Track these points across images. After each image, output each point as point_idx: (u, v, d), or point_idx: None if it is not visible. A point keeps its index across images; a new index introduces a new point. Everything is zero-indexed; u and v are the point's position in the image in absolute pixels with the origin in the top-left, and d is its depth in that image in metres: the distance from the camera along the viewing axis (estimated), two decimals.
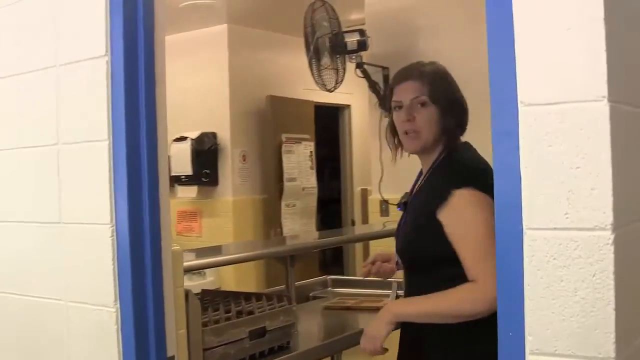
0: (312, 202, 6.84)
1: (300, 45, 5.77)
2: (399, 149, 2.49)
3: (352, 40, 4.99)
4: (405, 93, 2.32)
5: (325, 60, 5.01)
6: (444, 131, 2.30)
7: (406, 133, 2.33)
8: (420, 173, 2.50)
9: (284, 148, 6.49)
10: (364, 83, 7.16)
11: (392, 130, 2.48)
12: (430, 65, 2.42)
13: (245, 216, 6.33)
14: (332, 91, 5.08)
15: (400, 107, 2.34)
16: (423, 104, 2.29)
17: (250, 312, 2.70)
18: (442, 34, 5.54)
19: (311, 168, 6.83)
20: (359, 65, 5.19)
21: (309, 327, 3.14)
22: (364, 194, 7.80)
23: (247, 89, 6.44)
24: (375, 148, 5.69)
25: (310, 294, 4.06)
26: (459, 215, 2.15)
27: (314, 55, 5.00)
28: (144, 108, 1.94)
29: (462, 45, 5.50)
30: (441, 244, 2.17)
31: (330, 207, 8.30)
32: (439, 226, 2.18)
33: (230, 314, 2.65)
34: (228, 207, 6.23)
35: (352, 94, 7.46)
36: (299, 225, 6.61)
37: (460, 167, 2.28)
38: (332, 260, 7.98)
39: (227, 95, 6.26)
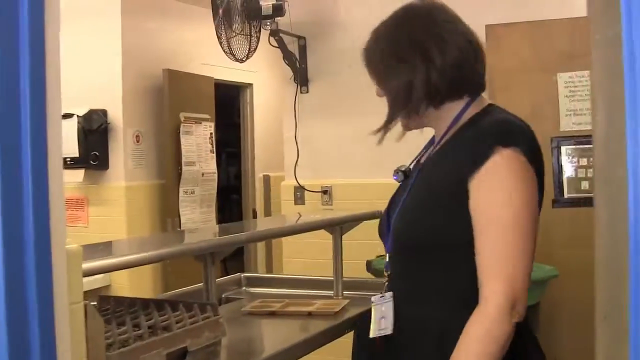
0: (212, 188, 6.23)
1: (201, 15, 5.16)
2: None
3: (267, 4, 4.38)
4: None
5: (237, 26, 4.38)
6: (430, 91, 1.88)
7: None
8: (432, 141, 2.07)
9: (182, 129, 5.82)
10: (268, 60, 6.65)
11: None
12: (377, 28, 2.11)
13: (139, 204, 5.65)
14: (243, 61, 4.47)
15: None
16: (379, 83, 2.04)
17: (167, 328, 2.06)
18: (363, 1, 5.03)
19: (211, 151, 6.21)
20: (274, 33, 4.60)
21: (235, 341, 2.55)
22: (267, 180, 7.29)
23: (142, 62, 5.74)
24: (289, 127, 5.14)
25: (223, 295, 3.51)
26: (495, 182, 1.71)
27: (224, 19, 4.36)
28: (27, 78, 1.28)
29: (385, 11, 4.99)
30: (461, 224, 1.75)
31: (229, 194, 7.74)
32: (464, 199, 1.75)
33: (140, 331, 2.00)
34: (120, 194, 5.52)
35: (255, 71, 6.92)
36: (199, 215, 6.00)
37: (504, 121, 1.83)
38: (230, 255, 7.33)
39: (119, 67, 5.53)
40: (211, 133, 6.21)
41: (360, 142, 5.06)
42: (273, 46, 4.83)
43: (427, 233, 1.84)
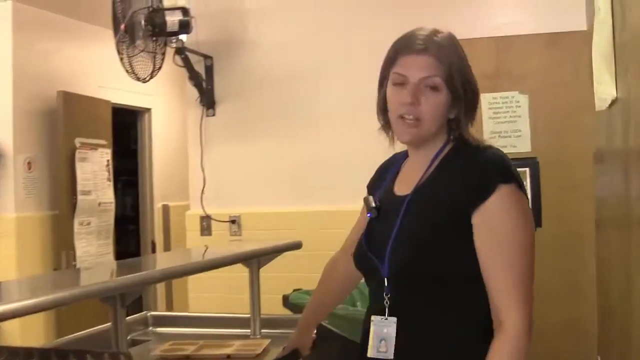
0: (109, 219, 5.83)
1: (99, 35, 4.81)
2: (390, 132, 2.01)
3: (173, 19, 4.08)
4: (415, 68, 1.88)
5: (140, 42, 4.06)
6: (450, 122, 1.92)
7: (402, 118, 1.90)
8: (397, 168, 2.10)
9: (77, 155, 5.41)
10: (170, 82, 6.33)
11: (383, 107, 2.01)
12: (447, 37, 1.93)
13: (31, 237, 5.20)
14: (146, 81, 4.17)
15: (402, 84, 1.89)
16: (434, 88, 1.87)
17: None
18: (273, 19, 4.82)
19: (108, 180, 5.82)
20: (180, 51, 4.30)
21: None
22: (166, 210, 6.94)
23: (35, 83, 5.31)
24: (195, 153, 4.83)
25: (128, 337, 3.14)
26: (504, 215, 1.80)
27: (125, 36, 4.02)
28: None
29: (295, 30, 4.79)
30: (466, 256, 1.81)
31: (126, 225, 7.31)
32: (468, 231, 1.81)
33: None
34: (9, 226, 5.07)
35: (153, 95, 6.57)
36: (96, 247, 5.59)
37: (502, 159, 1.87)
38: None
39: (9, 88, 5.10)
40: (108, 160, 5.83)
41: (271, 168, 4.83)
42: (178, 65, 4.53)
43: (433, 265, 1.84)
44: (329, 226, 4.62)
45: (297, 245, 3.33)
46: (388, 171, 2.12)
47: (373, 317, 1.93)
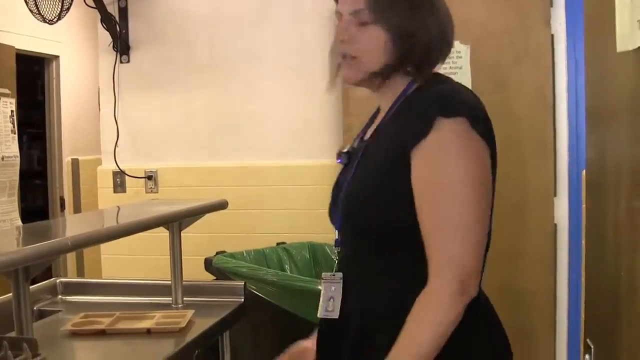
0: (15, 174, 5.41)
1: None
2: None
3: None
4: (344, 3, 1.77)
5: None
6: (398, 60, 1.73)
7: (342, 57, 1.80)
8: (375, 115, 1.94)
9: None
10: (80, 26, 5.90)
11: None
12: None
13: None
14: (53, 22, 3.80)
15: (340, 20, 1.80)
16: (363, 23, 1.73)
17: None
18: None
19: (13, 132, 5.38)
20: None
21: None
22: (75, 164, 6.56)
23: None
24: (107, 103, 4.48)
25: (35, 308, 2.86)
26: (438, 155, 1.62)
27: None
28: None
29: None
30: (408, 204, 1.65)
31: (32, 180, 6.89)
32: (408, 176, 1.65)
33: None
34: None
35: (61, 42, 6.14)
36: None
37: (448, 91, 1.72)
38: None
39: None
40: (12, 111, 5.39)
41: (190, 121, 4.51)
42: (89, 6, 4.15)
43: (375, 215, 1.72)
44: (252, 182, 4.38)
45: (222, 205, 3.06)
46: (370, 119, 1.98)
47: (323, 274, 1.86)
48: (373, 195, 1.73)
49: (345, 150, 1.92)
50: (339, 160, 1.93)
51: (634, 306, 1.47)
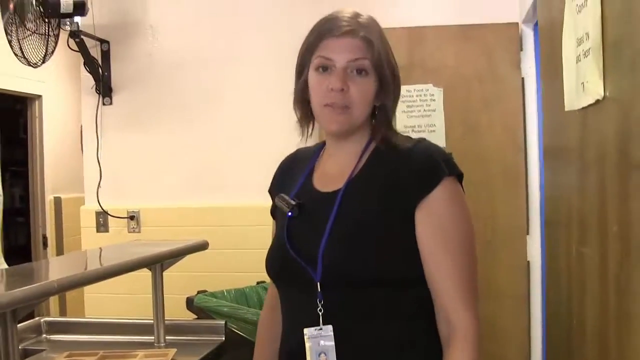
0: None
1: None
2: (311, 125, 1.89)
3: (67, 0, 3.78)
4: (342, 51, 1.74)
5: (31, 24, 3.75)
6: (378, 111, 1.79)
7: (329, 105, 1.75)
8: (310, 165, 1.96)
9: None
10: (63, 67, 5.98)
11: (302, 98, 1.86)
12: (370, 19, 1.83)
13: None
14: (38, 65, 3.88)
15: (327, 69, 1.76)
16: (362, 72, 1.74)
17: None
18: (174, 1, 4.59)
19: None
20: (75, 35, 4.02)
21: None
22: (58, 202, 6.59)
23: None
24: (90, 144, 4.54)
25: (20, 347, 2.87)
26: (448, 209, 1.69)
27: (15, 16, 3.71)
28: None
29: (198, 13, 4.55)
30: (409, 256, 1.69)
31: (14, 219, 6.91)
32: (410, 228, 1.69)
33: None
34: None
35: (44, 82, 6.20)
36: None
37: (441, 150, 1.77)
38: None
39: None
40: None
41: (171, 161, 4.58)
42: (72, 50, 4.23)
43: (378, 268, 1.69)
44: (232, 222, 4.44)
45: (203, 246, 3.12)
46: (297, 168, 1.99)
47: (306, 331, 1.75)
48: (373, 249, 1.70)
49: (294, 202, 1.87)
50: (290, 214, 1.86)
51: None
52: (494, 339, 3.85)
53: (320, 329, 1.74)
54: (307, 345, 1.75)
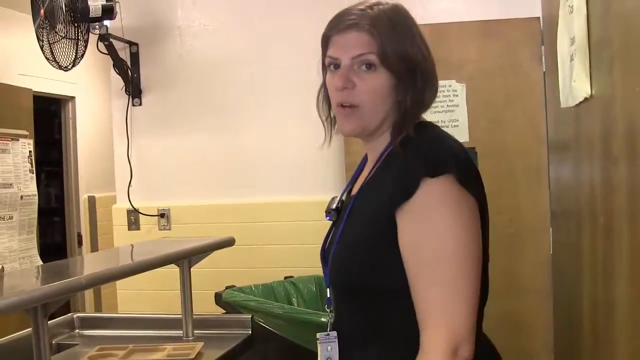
0: (33, 213, 5.54)
1: (18, 20, 4.57)
2: (334, 126, 1.81)
3: (96, 4, 3.88)
4: (345, 47, 1.67)
5: (61, 28, 3.85)
6: (398, 109, 1.66)
7: (341, 106, 1.68)
8: (361, 167, 1.87)
9: None
10: (94, 70, 6.09)
11: (327, 97, 1.79)
12: (388, 9, 1.69)
13: None
14: (68, 69, 3.97)
15: (336, 67, 1.69)
16: (369, 67, 1.65)
17: None
18: (202, 1, 4.66)
19: (31, 172, 5.53)
20: (104, 38, 4.11)
21: None
22: (92, 201, 6.71)
23: None
24: (121, 145, 4.64)
25: (54, 342, 3.02)
26: (424, 216, 1.53)
27: (45, 21, 3.82)
28: None
29: (226, 14, 4.63)
30: (395, 266, 1.57)
31: (50, 217, 7.04)
32: (394, 237, 1.57)
33: None
34: None
35: (76, 83, 6.34)
36: (18, 242, 5.31)
37: (433, 147, 1.62)
38: None
39: None
40: (30, 151, 5.56)
41: (200, 160, 4.67)
42: (102, 53, 4.33)
43: (365, 278, 1.64)
44: (261, 219, 4.52)
45: (229, 242, 3.19)
46: (358, 169, 1.91)
47: (318, 335, 1.76)
48: (362, 258, 1.64)
49: (333, 207, 1.85)
50: (328, 218, 1.87)
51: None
52: (518, 333, 3.88)
53: (328, 334, 1.74)
54: (318, 349, 1.75)
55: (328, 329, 1.76)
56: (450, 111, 3.94)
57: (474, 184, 1.60)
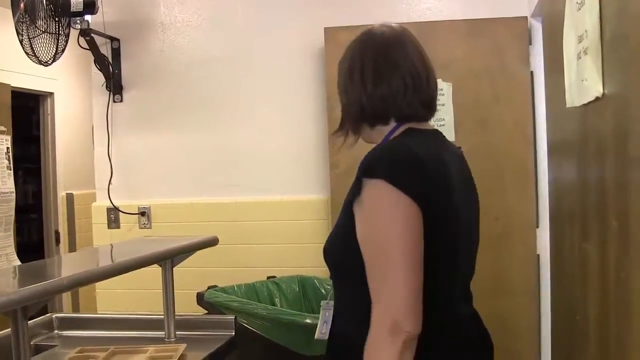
0: (10, 210, 5.46)
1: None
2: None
3: None
4: None
5: (41, 23, 3.77)
6: (347, 119, 2.06)
7: None
8: None
9: None
10: (74, 65, 6.01)
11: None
12: (363, 33, 2.08)
13: None
14: (49, 64, 3.89)
15: None
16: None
17: None
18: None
19: (8, 168, 5.45)
20: (85, 33, 4.03)
21: None
22: (70, 198, 6.62)
23: None
24: (101, 141, 4.57)
25: (32, 342, 2.95)
26: (364, 211, 1.81)
27: (25, 15, 3.74)
28: None
29: (209, 9, 4.57)
30: (356, 248, 1.83)
31: (27, 214, 6.94)
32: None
33: None
34: None
35: (56, 79, 6.25)
36: None
37: (379, 153, 1.85)
38: None
39: None
40: (7, 147, 5.47)
41: (182, 157, 4.60)
42: (83, 48, 4.26)
43: (337, 258, 1.95)
44: (242, 218, 4.46)
45: (213, 242, 3.14)
46: None
47: (322, 302, 2.13)
48: (338, 242, 1.93)
49: None
50: None
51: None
52: (505, 334, 3.84)
53: (329, 302, 2.08)
54: (320, 313, 2.12)
55: (328, 299, 2.09)
56: (437, 110, 3.90)
57: (414, 185, 1.75)
